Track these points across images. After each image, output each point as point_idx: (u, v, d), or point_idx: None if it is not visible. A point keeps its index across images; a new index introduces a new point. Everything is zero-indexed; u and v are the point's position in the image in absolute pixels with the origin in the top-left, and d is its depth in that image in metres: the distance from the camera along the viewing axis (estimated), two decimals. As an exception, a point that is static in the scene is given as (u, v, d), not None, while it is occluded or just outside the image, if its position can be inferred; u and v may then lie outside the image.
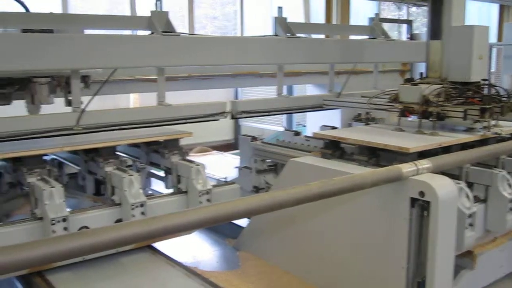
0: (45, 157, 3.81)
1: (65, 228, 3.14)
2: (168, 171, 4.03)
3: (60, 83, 3.91)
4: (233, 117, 4.66)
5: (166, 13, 4.09)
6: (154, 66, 4.12)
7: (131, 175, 3.48)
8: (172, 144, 4.07)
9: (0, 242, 2.91)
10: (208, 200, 3.72)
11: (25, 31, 3.62)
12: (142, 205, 3.42)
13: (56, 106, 3.90)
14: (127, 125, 3.91)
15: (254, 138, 4.87)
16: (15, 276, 3.28)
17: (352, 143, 3.70)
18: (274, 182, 4.43)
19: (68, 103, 3.95)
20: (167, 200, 3.78)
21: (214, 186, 3.91)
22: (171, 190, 4.01)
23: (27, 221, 3.26)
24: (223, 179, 5.45)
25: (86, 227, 3.26)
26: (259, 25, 10.07)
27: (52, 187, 3.21)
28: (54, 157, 4.39)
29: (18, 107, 3.94)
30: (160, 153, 4.06)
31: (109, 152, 3.84)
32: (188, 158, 4.04)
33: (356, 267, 3.33)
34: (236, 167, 4.98)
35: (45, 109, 3.94)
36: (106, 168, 3.67)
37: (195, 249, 4.23)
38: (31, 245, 1.95)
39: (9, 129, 3.45)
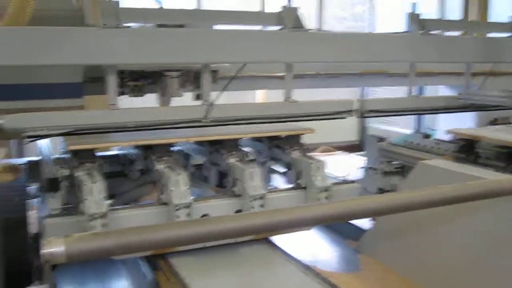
0: (172, 148, 3.95)
1: (188, 214, 3.23)
2: (288, 166, 4.01)
3: (189, 77, 4.03)
4: (360, 116, 4.50)
5: (296, 8, 4.05)
6: (283, 61, 4.08)
7: (253, 168, 3.51)
8: (293, 140, 4.06)
9: (128, 224, 3.09)
10: (327, 198, 3.64)
11: (159, 26, 3.76)
12: (261, 198, 3.43)
13: (181, 100, 4.03)
14: (253, 119, 3.91)
15: (381, 139, 4.72)
16: (140, 256, 3.43)
17: (491, 143, 3.43)
18: (401, 185, 4.25)
19: (196, 97, 4.06)
20: (286, 195, 3.76)
21: (334, 184, 3.82)
22: (290, 185, 3.99)
23: (153, 205, 3.41)
24: (342, 178, 5.33)
25: (207, 215, 3.33)
26: (391, 26, 9.75)
27: (179, 174, 3.31)
28: (181, 148, 4.54)
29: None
30: (281, 148, 4.06)
31: (232, 145, 3.90)
32: (309, 154, 3.99)
33: (486, 281, 3.08)
34: (362, 168, 4.86)
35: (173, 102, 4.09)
36: (229, 160, 3.73)
37: (313, 247, 4.17)
38: (156, 228, 2.01)
39: (142, 119, 3.59)
